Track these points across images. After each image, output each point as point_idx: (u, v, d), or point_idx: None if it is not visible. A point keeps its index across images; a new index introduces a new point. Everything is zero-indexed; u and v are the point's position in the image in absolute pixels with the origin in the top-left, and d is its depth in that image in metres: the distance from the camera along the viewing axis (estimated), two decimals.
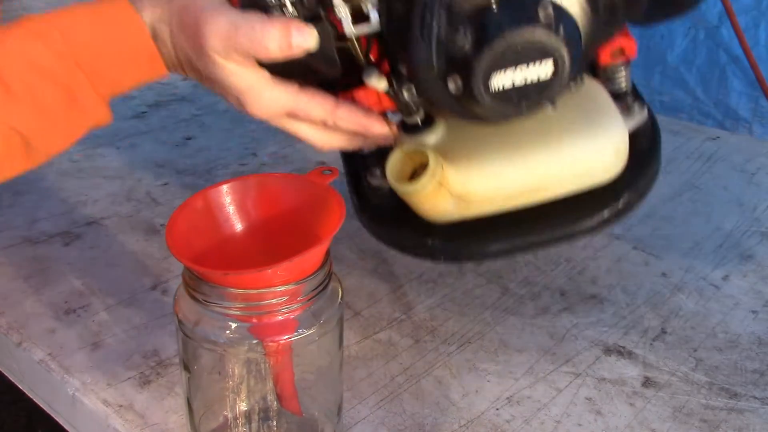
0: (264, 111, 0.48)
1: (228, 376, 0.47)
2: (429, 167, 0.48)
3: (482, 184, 0.51)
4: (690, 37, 1.15)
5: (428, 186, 0.49)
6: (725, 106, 1.14)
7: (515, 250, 0.55)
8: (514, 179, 0.51)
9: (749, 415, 0.54)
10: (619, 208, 0.53)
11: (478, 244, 0.54)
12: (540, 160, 0.50)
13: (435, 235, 0.53)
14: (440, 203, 0.51)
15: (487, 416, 0.54)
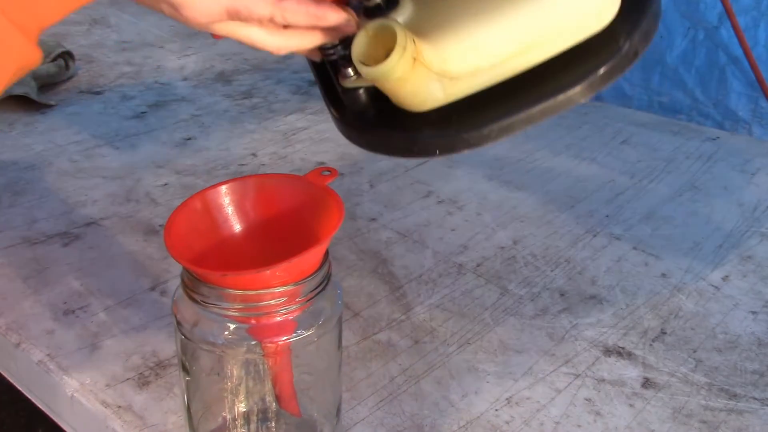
0: (201, 14, 0.44)
1: (227, 377, 0.47)
2: (397, 41, 0.44)
3: (463, 53, 0.46)
4: (689, 37, 1.14)
5: (401, 63, 0.44)
6: (724, 107, 1.14)
7: (516, 125, 0.49)
8: (497, 42, 0.46)
9: (749, 416, 0.54)
10: (622, 54, 0.48)
11: (473, 127, 0.49)
12: (522, 15, 0.46)
13: (425, 127, 0.49)
14: (421, 85, 0.47)
15: (487, 417, 0.54)
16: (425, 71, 0.46)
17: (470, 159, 0.95)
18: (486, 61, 0.47)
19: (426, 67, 0.46)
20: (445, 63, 0.46)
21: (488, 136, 0.49)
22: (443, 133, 0.49)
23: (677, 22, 1.15)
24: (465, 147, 0.49)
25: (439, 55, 0.46)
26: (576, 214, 0.82)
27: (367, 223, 0.79)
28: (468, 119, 0.49)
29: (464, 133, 0.49)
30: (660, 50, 1.18)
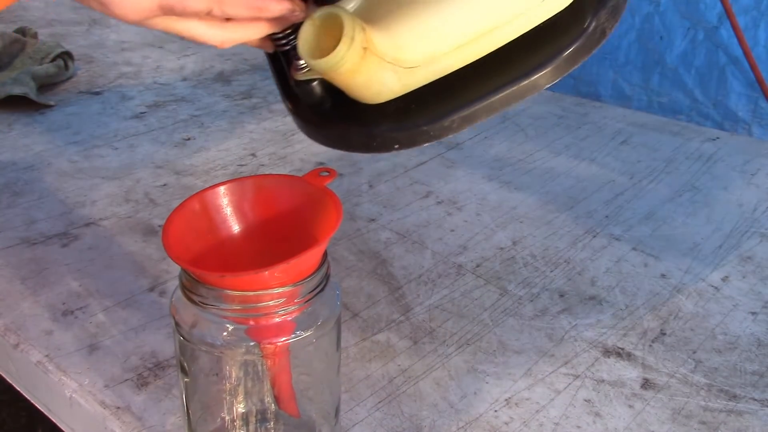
0: (131, 10, 0.42)
1: (225, 378, 0.47)
2: (344, 31, 0.41)
3: (418, 39, 0.43)
4: (689, 37, 1.14)
5: (349, 54, 0.42)
6: (724, 107, 1.14)
7: (479, 114, 0.46)
8: (454, 26, 0.43)
9: (748, 417, 0.54)
10: (589, 34, 0.45)
11: (434, 118, 0.46)
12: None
13: (383, 120, 0.47)
14: (374, 76, 0.44)
15: (486, 418, 0.54)
16: (377, 61, 0.43)
17: (469, 159, 0.95)
18: (443, 46, 0.44)
19: (378, 56, 0.43)
20: (399, 51, 0.43)
21: (450, 127, 0.46)
22: (402, 126, 0.47)
23: (677, 22, 1.15)
24: (426, 140, 0.47)
25: (393, 42, 0.43)
26: (575, 214, 0.82)
27: (367, 223, 0.79)
28: (428, 110, 0.46)
29: (424, 126, 0.46)
30: (660, 50, 1.17)
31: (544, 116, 1.10)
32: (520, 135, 1.03)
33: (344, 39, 0.41)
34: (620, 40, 1.21)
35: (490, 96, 0.46)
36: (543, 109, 1.13)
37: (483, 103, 0.46)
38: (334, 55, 0.42)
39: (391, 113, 0.46)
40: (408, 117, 0.46)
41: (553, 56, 0.45)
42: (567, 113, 1.11)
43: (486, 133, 1.03)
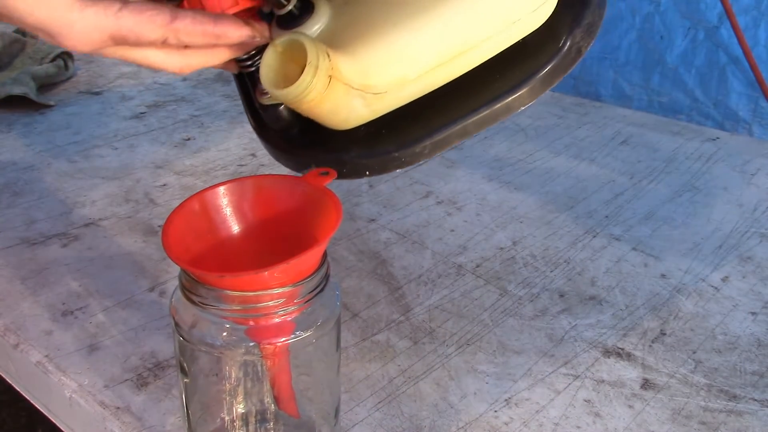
0: (81, 42, 0.40)
1: (225, 379, 0.47)
2: (308, 59, 0.39)
3: (385, 65, 0.41)
4: (689, 37, 1.14)
5: (314, 83, 0.40)
6: (725, 107, 1.14)
7: (451, 139, 0.45)
8: (423, 50, 0.42)
9: (748, 418, 0.54)
10: (564, 54, 0.43)
11: (405, 144, 0.44)
12: (450, 18, 0.41)
13: (352, 146, 0.45)
14: (341, 103, 0.42)
15: (486, 418, 0.54)
16: (344, 88, 0.41)
17: (469, 159, 0.95)
18: (412, 71, 0.42)
19: (344, 83, 0.41)
20: (366, 77, 0.42)
21: (422, 153, 0.45)
22: (373, 153, 0.46)
23: (677, 22, 1.15)
24: (398, 166, 0.46)
25: (359, 68, 0.41)
26: (575, 214, 0.82)
27: (366, 223, 0.79)
28: (399, 136, 0.45)
29: (395, 152, 0.45)
30: (660, 50, 1.17)
31: (544, 116, 1.10)
32: (520, 135, 1.03)
33: (308, 68, 0.40)
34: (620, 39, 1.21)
35: (462, 120, 0.45)
36: (543, 109, 1.13)
37: (455, 127, 0.45)
38: (297, 85, 0.40)
39: (361, 139, 0.45)
40: (378, 143, 0.45)
41: (527, 77, 0.44)
42: (567, 113, 1.11)
43: (486, 133, 1.03)
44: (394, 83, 0.42)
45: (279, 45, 0.42)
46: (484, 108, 0.45)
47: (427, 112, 0.45)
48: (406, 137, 0.45)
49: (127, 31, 0.40)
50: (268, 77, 0.42)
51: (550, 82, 0.44)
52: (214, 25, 0.41)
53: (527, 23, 0.43)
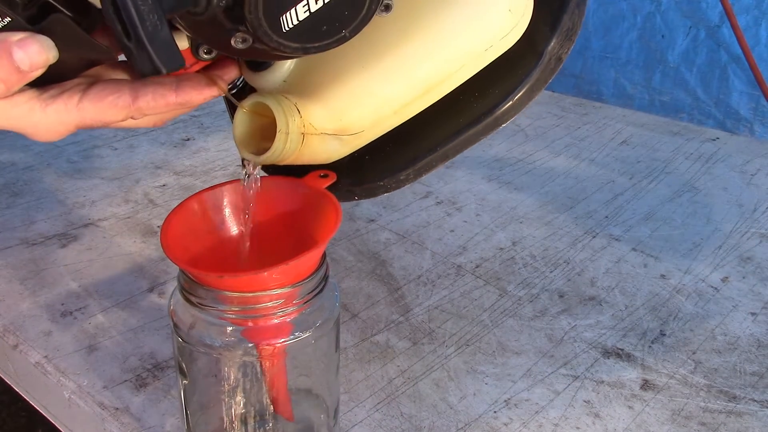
0: (52, 136, 0.41)
1: (224, 380, 0.47)
2: (278, 126, 0.39)
3: (357, 106, 0.41)
4: (691, 36, 1.14)
5: (288, 147, 0.40)
6: (726, 106, 1.14)
7: (435, 163, 0.45)
8: (394, 88, 0.41)
9: (748, 418, 0.54)
10: (543, 65, 0.43)
11: (389, 173, 0.45)
12: (417, 56, 0.40)
13: (340, 177, 0.46)
14: (320, 150, 0.42)
15: (485, 419, 0.54)
16: (319, 137, 0.41)
17: (469, 160, 0.95)
18: (385, 110, 0.42)
19: (319, 133, 0.41)
20: (339, 122, 0.41)
21: (406, 179, 0.46)
22: (359, 181, 0.46)
23: (678, 21, 1.15)
24: (384, 191, 0.46)
25: (332, 115, 0.41)
26: (575, 215, 0.82)
27: (366, 224, 0.79)
28: (382, 164, 0.45)
29: (380, 182, 0.46)
30: (661, 49, 1.18)
31: (544, 116, 1.10)
32: (520, 135, 1.03)
33: (279, 135, 0.40)
34: (622, 39, 1.21)
35: (445, 144, 0.45)
36: (543, 109, 1.13)
37: (437, 153, 0.45)
38: (271, 152, 0.40)
39: (345, 166, 0.45)
40: (364, 173, 0.46)
41: (508, 94, 0.43)
42: (567, 113, 1.11)
43: None
44: (368, 123, 0.42)
45: (247, 107, 0.42)
46: (467, 129, 0.44)
47: (410, 137, 0.45)
48: (390, 166, 0.45)
49: (91, 120, 0.40)
50: (242, 138, 0.42)
51: (531, 95, 0.43)
52: (176, 96, 0.40)
53: (499, 47, 0.42)
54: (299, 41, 0.35)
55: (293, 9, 0.34)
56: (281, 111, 0.40)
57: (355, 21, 0.36)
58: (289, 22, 0.34)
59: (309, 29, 0.35)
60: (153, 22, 0.33)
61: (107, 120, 0.41)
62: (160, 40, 0.33)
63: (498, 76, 0.43)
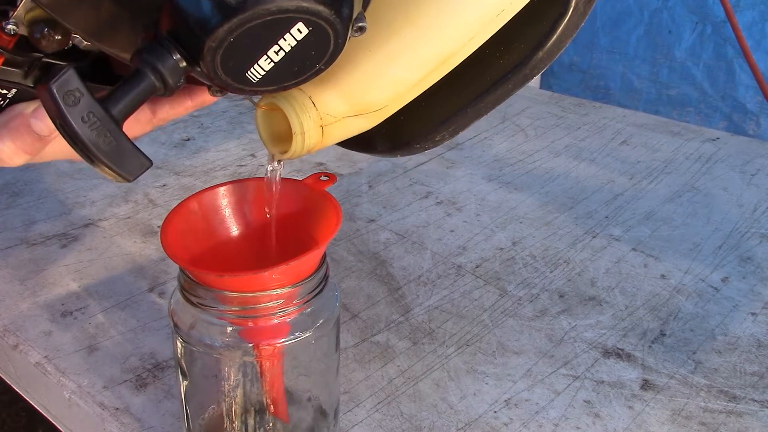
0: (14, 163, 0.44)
1: (224, 380, 0.47)
2: (293, 129, 0.39)
3: (375, 88, 0.40)
4: (697, 32, 1.15)
5: (306, 144, 0.40)
6: (732, 100, 1.14)
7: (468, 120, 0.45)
8: (409, 65, 0.40)
9: (748, 418, 0.54)
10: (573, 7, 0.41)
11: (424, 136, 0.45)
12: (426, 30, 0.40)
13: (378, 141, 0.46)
14: (345, 132, 0.42)
15: (485, 419, 0.54)
16: (340, 123, 0.41)
17: (469, 160, 0.95)
18: (404, 86, 0.41)
19: (340, 119, 0.40)
20: (358, 105, 0.41)
21: (441, 140, 0.46)
22: (396, 145, 0.47)
23: (685, 17, 1.15)
24: (423, 150, 0.47)
25: (348, 100, 0.40)
26: (575, 215, 0.82)
27: (366, 224, 0.79)
28: (417, 128, 0.45)
29: (417, 144, 0.46)
30: (668, 44, 1.18)
31: (544, 116, 1.10)
32: (519, 135, 1.03)
33: (295, 137, 0.40)
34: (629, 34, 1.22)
35: (476, 102, 0.44)
36: (543, 109, 1.13)
37: (469, 111, 0.45)
38: (290, 154, 0.40)
39: (384, 129, 0.45)
40: (399, 134, 0.46)
41: (537, 47, 0.42)
42: (567, 113, 1.11)
43: (486, 134, 1.03)
44: (388, 101, 0.42)
45: (263, 105, 0.42)
46: (494, 87, 0.44)
47: (439, 98, 0.44)
48: (424, 128, 0.45)
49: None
50: (267, 136, 0.42)
51: (561, 45, 0.42)
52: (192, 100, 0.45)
53: (511, 10, 0.41)
54: (274, 84, 0.35)
55: (256, 64, 0.34)
56: (293, 112, 0.39)
57: (325, 57, 0.35)
58: (256, 75, 0.34)
59: (280, 74, 0.35)
60: (108, 141, 0.33)
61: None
62: (119, 155, 0.34)
63: (523, 29, 0.42)
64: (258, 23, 0.32)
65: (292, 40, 0.33)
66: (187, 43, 0.33)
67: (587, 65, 1.29)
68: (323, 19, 0.33)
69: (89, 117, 0.32)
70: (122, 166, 0.34)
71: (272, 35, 0.33)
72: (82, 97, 0.32)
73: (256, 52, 0.33)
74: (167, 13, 0.33)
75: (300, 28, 0.33)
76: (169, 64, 0.34)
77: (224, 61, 0.33)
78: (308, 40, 0.34)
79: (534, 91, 1.23)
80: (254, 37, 0.33)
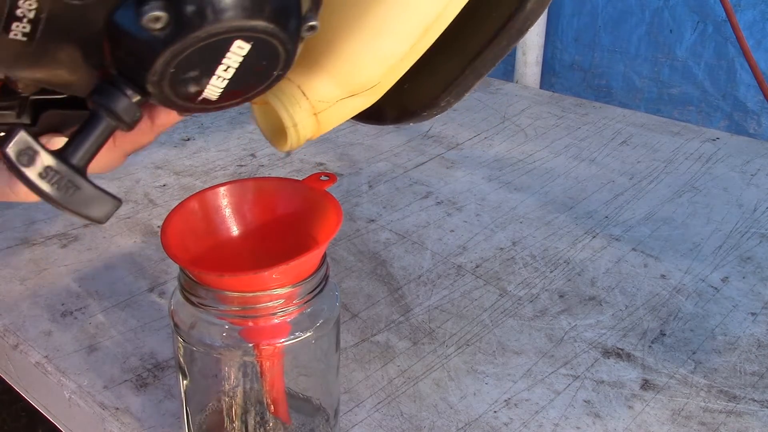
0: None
1: (224, 380, 0.47)
2: (284, 122, 0.39)
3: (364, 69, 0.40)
4: (698, 31, 1.15)
5: (302, 135, 0.40)
6: (734, 99, 1.14)
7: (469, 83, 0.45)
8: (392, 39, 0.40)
9: (748, 418, 0.54)
10: None
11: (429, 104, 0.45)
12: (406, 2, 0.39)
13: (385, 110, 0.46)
14: (343, 113, 0.41)
15: (485, 419, 0.54)
16: (335, 107, 0.40)
17: (469, 160, 0.95)
18: (393, 60, 0.40)
19: (333, 103, 0.40)
20: (350, 86, 0.40)
21: (447, 105, 0.46)
22: (402, 114, 0.47)
23: (686, 16, 1.16)
24: (430, 117, 0.47)
25: (338, 83, 0.40)
26: (575, 215, 0.82)
27: (366, 224, 0.79)
28: (420, 96, 0.45)
29: (423, 112, 0.46)
30: (669, 43, 1.19)
31: (544, 116, 1.10)
32: (519, 135, 1.03)
33: (288, 131, 0.39)
34: (630, 33, 1.22)
35: (473, 64, 0.44)
36: (543, 109, 1.13)
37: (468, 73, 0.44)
38: (288, 146, 0.40)
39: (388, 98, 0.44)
40: (404, 103, 0.46)
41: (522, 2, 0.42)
42: (567, 113, 1.11)
43: (486, 134, 1.03)
44: (380, 77, 0.41)
45: (255, 101, 0.41)
46: (488, 45, 0.43)
47: (440, 62, 0.44)
48: (427, 96, 0.45)
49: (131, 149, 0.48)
50: (264, 129, 0.42)
51: None
52: None
53: None
54: (236, 97, 0.35)
55: (209, 84, 0.34)
56: (281, 105, 0.39)
57: (279, 63, 0.35)
58: (215, 93, 0.34)
59: (239, 87, 0.35)
60: (71, 191, 0.34)
61: (143, 144, 0.46)
62: (83, 202, 0.34)
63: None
64: (193, 50, 0.32)
65: (237, 57, 0.33)
66: (133, 78, 0.33)
67: (589, 64, 1.29)
68: (259, 32, 0.33)
69: (47, 172, 0.33)
70: (89, 211, 0.34)
71: (214, 56, 0.33)
72: (36, 154, 0.32)
73: (205, 74, 0.33)
74: (108, 52, 0.33)
75: (240, 45, 0.33)
76: (122, 103, 0.34)
77: (174, 88, 0.33)
78: (254, 53, 0.33)
79: (534, 91, 1.23)
80: (195, 62, 0.32)
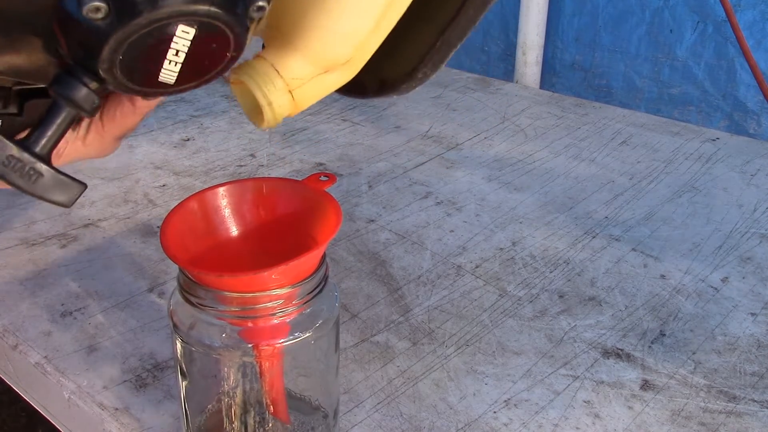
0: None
1: (224, 380, 0.47)
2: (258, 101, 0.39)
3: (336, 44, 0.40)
4: (698, 31, 1.15)
5: (278, 112, 0.40)
6: (734, 99, 1.14)
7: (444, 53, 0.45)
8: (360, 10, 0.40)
9: (748, 419, 0.54)
10: None
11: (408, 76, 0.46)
12: None
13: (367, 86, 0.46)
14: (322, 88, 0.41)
15: (485, 419, 0.54)
16: (311, 83, 0.40)
17: (469, 160, 0.95)
18: (363, 32, 0.40)
19: (309, 79, 0.40)
20: (324, 62, 0.40)
21: (424, 77, 0.46)
22: (382, 87, 0.47)
23: (686, 16, 1.16)
24: (411, 89, 0.47)
25: (311, 59, 0.40)
26: (575, 215, 0.82)
27: (366, 224, 0.79)
28: (397, 68, 0.45)
29: (402, 84, 0.46)
30: (669, 43, 1.19)
31: (544, 116, 1.10)
32: (519, 135, 1.03)
33: (264, 110, 0.40)
34: (631, 33, 1.23)
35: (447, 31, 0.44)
36: (543, 109, 1.13)
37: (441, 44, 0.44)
38: (266, 124, 0.40)
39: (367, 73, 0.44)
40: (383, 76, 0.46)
41: None
42: (567, 113, 1.11)
43: (486, 134, 1.03)
44: (352, 51, 0.41)
45: (231, 80, 0.42)
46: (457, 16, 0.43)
47: (413, 35, 0.44)
48: (404, 68, 0.45)
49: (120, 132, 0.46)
50: (245, 107, 0.43)
51: None
52: None
53: None
54: (194, 80, 0.36)
55: (162, 69, 0.34)
56: (254, 84, 0.39)
57: (230, 45, 0.35)
58: (170, 77, 0.34)
59: (193, 70, 0.35)
60: (34, 178, 0.35)
61: (129, 126, 0.45)
62: (48, 188, 0.35)
63: None
64: (137, 37, 0.32)
65: (185, 41, 0.33)
66: (86, 66, 0.34)
67: (589, 64, 1.29)
68: (201, 16, 0.33)
69: (9, 161, 0.34)
70: (53, 196, 0.36)
71: (161, 42, 0.33)
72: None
73: (156, 60, 0.33)
74: (62, 42, 0.34)
75: (184, 29, 0.33)
76: (81, 92, 0.35)
77: (127, 75, 0.34)
78: (202, 36, 0.33)
79: (534, 91, 1.23)
80: (143, 48, 0.33)
